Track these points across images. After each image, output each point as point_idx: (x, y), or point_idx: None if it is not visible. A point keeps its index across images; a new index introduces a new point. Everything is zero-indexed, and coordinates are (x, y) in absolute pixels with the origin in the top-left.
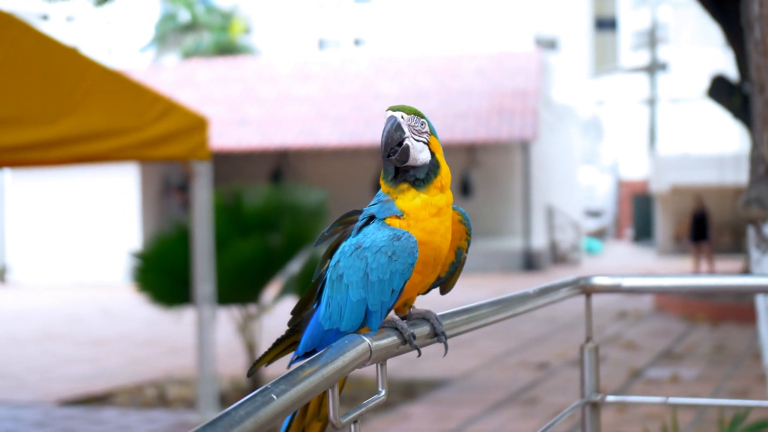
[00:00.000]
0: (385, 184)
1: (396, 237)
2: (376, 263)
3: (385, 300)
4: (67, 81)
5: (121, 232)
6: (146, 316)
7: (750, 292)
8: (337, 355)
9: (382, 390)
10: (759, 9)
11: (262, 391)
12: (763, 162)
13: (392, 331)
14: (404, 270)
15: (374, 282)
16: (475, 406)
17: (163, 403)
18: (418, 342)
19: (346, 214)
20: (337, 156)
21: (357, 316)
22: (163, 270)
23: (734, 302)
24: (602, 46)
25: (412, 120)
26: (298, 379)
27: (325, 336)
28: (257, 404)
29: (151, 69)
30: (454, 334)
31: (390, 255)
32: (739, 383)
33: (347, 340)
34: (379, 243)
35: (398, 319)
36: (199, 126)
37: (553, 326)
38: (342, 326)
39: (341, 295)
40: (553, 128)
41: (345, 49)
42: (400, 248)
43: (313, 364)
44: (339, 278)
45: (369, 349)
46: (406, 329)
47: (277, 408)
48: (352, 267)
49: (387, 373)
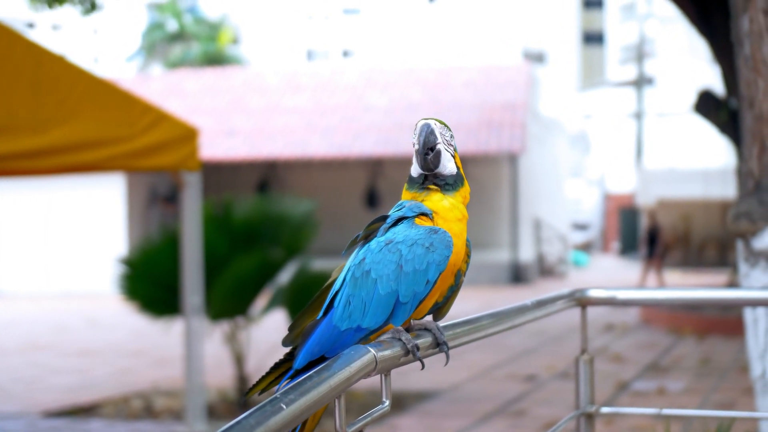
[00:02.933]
0: (410, 191)
1: (433, 231)
2: (412, 254)
3: (419, 291)
4: (58, 90)
5: (107, 242)
6: (132, 327)
7: (741, 304)
8: (344, 365)
9: (386, 400)
10: (749, 25)
11: (271, 400)
12: (753, 177)
13: (396, 342)
14: (441, 261)
15: (409, 273)
16: (464, 418)
17: (150, 415)
18: (420, 353)
19: (374, 220)
20: (326, 167)
21: (383, 311)
22: (150, 278)
23: (720, 315)
24: (590, 60)
25: (443, 130)
26: (307, 389)
27: (340, 337)
28: (267, 413)
29: (138, 78)
30: (455, 345)
31: (428, 246)
32: (725, 395)
33: (353, 350)
34: (415, 237)
35: (402, 330)
36: (189, 136)
37: (542, 339)
38: (365, 323)
39: (366, 291)
40: (540, 141)
41: (334, 60)
42: (438, 240)
43: (321, 374)
44: (365, 274)
45: (374, 359)
46: (410, 340)
47: (287, 417)
48: (383, 261)
49: (391, 384)
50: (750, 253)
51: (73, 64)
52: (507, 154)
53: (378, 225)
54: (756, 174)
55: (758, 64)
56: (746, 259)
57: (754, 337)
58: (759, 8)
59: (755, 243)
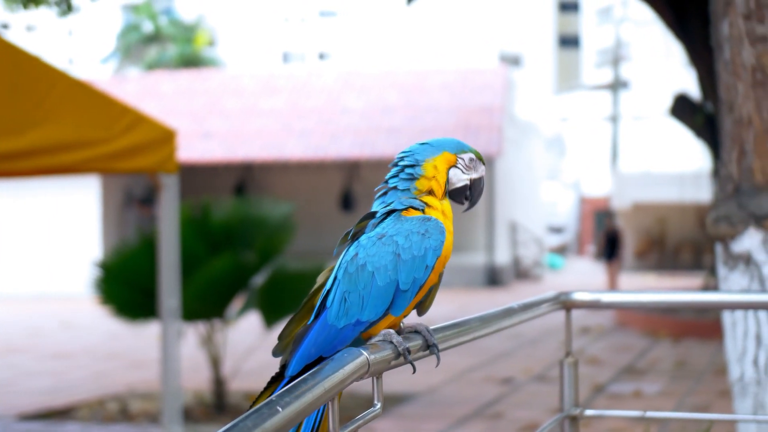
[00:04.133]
0: (398, 187)
1: (425, 219)
2: (409, 243)
3: (419, 276)
4: (36, 92)
5: (82, 244)
6: (108, 330)
7: (722, 307)
8: (338, 368)
9: (377, 403)
10: (729, 29)
11: (267, 403)
12: (732, 180)
13: (388, 345)
14: (437, 246)
15: (407, 260)
16: (441, 420)
17: (126, 418)
18: (411, 356)
19: (363, 217)
20: (302, 170)
21: (383, 302)
22: (126, 281)
23: (695, 318)
24: (566, 64)
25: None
26: (302, 392)
27: (339, 335)
28: (264, 416)
29: (114, 80)
30: (444, 348)
31: (423, 233)
32: (700, 398)
33: (346, 353)
34: (409, 227)
35: (394, 333)
36: (167, 138)
37: (518, 342)
38: (364, 316)
39: (363, 284)
40: (516, 144)
41: (310, 62)
42: (432, 226)
43: (315, 377)
44: (361, 268)
45: (367, 362)
46: (401, 343)
47: (282, 419)
48: (378, 253)
49: (383, 386)
50: (729, 256)
51: (50, 66)
52: (484, 157)
53: (367, 222)
54: (735, 177)
55: (738, 68)
56: (725, 263)
57: (732, 340)
58: (739, 12)
59: (734, 246)
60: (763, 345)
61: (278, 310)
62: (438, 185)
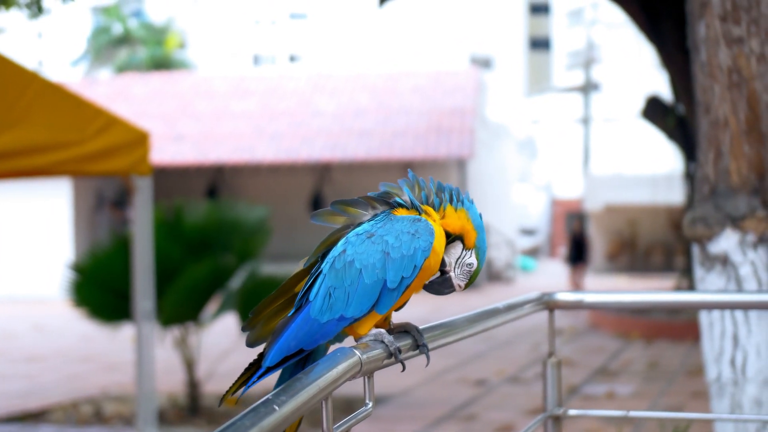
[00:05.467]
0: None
1: (416, 219)
2: (399, 242)
3: (407, 276)
4: (8, 94)
5: (53, 246)
6: (80, 332)
7: (703, 307)
8: (331, 367)
9: (369, 402)
10: (705, 31)
11: (264, 402)
12: (708, 182)
13: (379, 345)
14: (426, 247)
15: (396, 259)
16: (415, 422)
17: (100, 420)
18: (401, 356)
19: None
20: (274, 172)
21: (369, 299)
22: (100, 284)
23: (667, 320)
24: (536, 66)
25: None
26: (296, 390)
27: (321, 329)
28: (261, 414)
29: (84, 82)
30: (433, 348)
31: (413, 233)
32: (673, 399)
33: (339, 352)
34: (399, 227)
35: (385, 332)
36: (140, 140)
37: (491, 344)
38: (349, 312)
39: (350, 281)
40: (488, 147)
41: (280, 65)
42: (422, 227)
43: (309, 376)
44: (348, 264)
45: (360, 361)
46: (392, 343)
47: (279, 418)
48: (367, 252)
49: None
50: (706, 257)
51: (23, 67)
52: (455, 159)
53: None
54: (712, 179)
55: (714, 70)
56: (702, 264)
57: (710, 341)
58: (715, 14)
59: (711, 247)
60: (740, 345)
61: None
62: (452, 228)
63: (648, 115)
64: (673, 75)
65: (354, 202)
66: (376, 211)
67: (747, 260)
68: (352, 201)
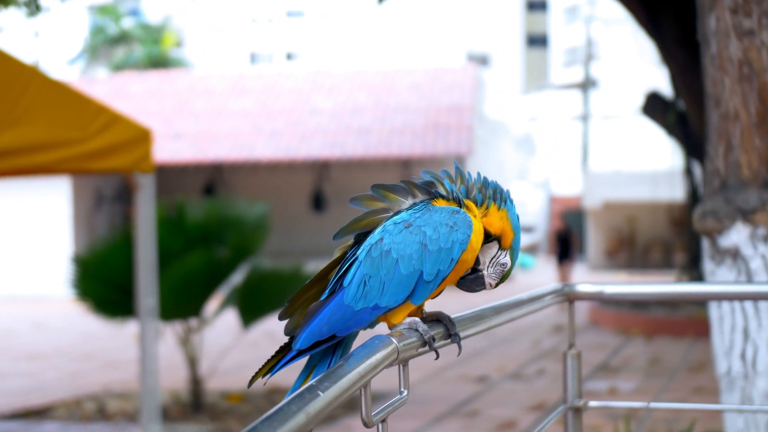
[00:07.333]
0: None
1: (455, 211)
2: (437, 234)
3: (443, 269)
4: (11, 92)
5: (53, 245)
6: (81, 330)
7: (725, 298)
8: (370, 354)
9: (404, 390)
10: (716, 24)
11: (309, 388)
12: (718, 175)
13: (414, 333)
14: (464, 240)
15: (433, 251)
16: (417, 419)
17: (103, 417)
18: (435, 344)
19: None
20: (272, 170)
21: (404, 290)
22: (103, 278)
23: (667, 316)
24: (534, 63)
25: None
26: (339, 377)
27: (354, 316)
28: (306, 400)
29: (82, 81)
30: (464, 337)
31: (451, 225)
32: (675, 395)
33: (377, 340)
34: (438, 218)
35: (419, 321)
36: (142, 138)
37: (491, 340)
38: (383, 302)
39: (386, 270)
40: (486, 144)
41: (277, 63)
42: (460, 220)
43: (350, 363)
44: (385, 254)
45: (397, 349)
46: (426, 331)
47: (323, 403)
48: (404, 242)
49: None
50: (716, 251)
51: (25, 65)
52: (453, 156)
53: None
54: (722, 172)
55: (724, 63)
56: (712, 258)
57: (720, 335)
58: (726, 7)
59: (721, 241)
60: (751, 339)
61: (256, 310)
62: (493, 228)
63: (648, 111)
64: (673, 71)
65: (395, 188)
66: (416, 200)
67: (757, 254)
68: (393, 186)
